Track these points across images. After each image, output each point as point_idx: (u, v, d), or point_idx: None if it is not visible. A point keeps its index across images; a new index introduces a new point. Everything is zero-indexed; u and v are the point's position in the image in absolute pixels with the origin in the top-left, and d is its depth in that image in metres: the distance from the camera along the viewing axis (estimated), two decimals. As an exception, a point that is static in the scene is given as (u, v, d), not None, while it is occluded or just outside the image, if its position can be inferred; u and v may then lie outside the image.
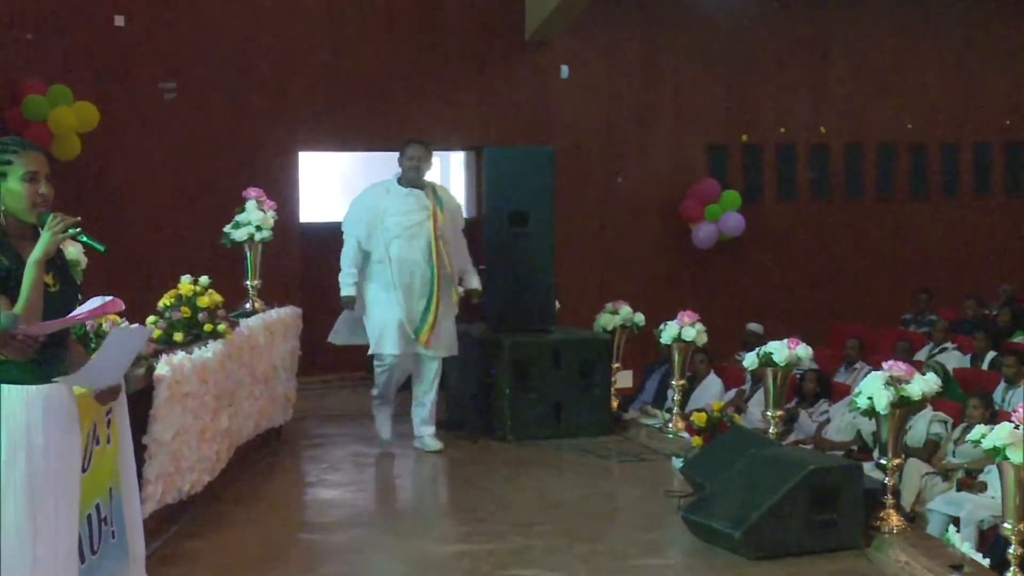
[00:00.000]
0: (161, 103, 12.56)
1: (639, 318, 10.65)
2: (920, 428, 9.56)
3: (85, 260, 6.82)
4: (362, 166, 13.92)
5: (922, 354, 12.69)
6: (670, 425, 9.85)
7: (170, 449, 6.62)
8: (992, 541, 7.45)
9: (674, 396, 10.00)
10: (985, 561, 6.26)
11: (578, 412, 9.87)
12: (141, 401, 6.28)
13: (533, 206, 10.21)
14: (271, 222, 9.40)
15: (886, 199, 16.13)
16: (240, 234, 9.31)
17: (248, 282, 9.42)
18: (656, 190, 15.02)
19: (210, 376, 7.25)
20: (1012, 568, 5.84)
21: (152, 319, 7.53)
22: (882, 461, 6.85)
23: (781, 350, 7.89)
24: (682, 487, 7.92)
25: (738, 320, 13.99)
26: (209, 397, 7.27)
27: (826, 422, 10.77)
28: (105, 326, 6.42)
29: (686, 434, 9.31)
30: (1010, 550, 5.86)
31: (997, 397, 10.32)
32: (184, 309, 7.63)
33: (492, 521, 7.50)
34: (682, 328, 9.76)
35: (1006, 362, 10.78)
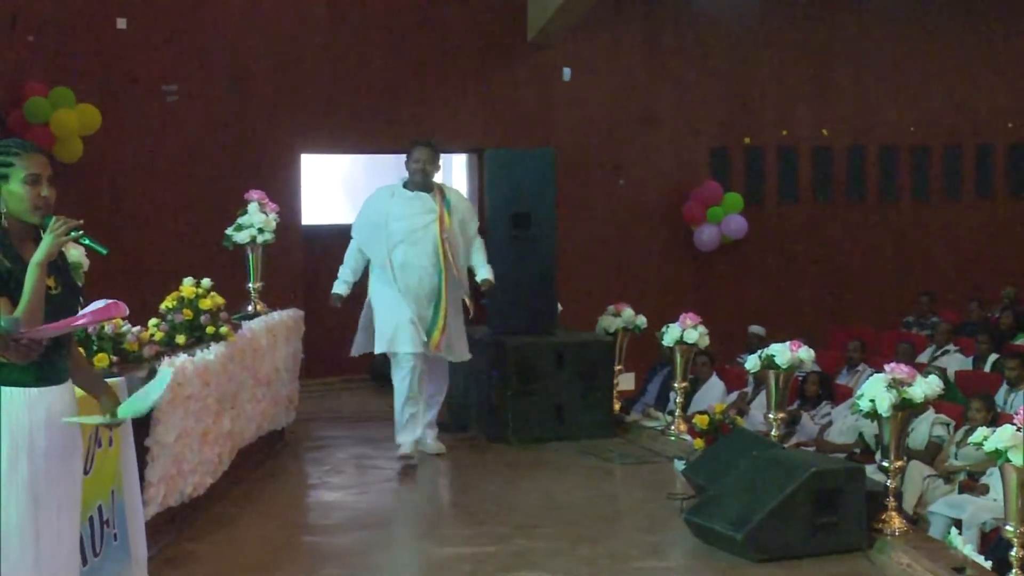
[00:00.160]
0: (163, 105, 12.57)
1: (641, 320, 10.65)
2: (922, 430, 9.55)
3: (87, 262, 6.85)
4: (364, 168, 13.96)
5: (924, 356, 12.68)
6: (672, 427, 9.84)
7: (172, 451, 6.62)
8: (994, 543, 7.44)
9: (676, 398, 10.00)
10: (987, 563, 6.25)
11: (580, 414, 9.87)
12: (143, 404, 6.26)
13: (535, 208, 10.22)
14: (273, 224, 9.40)
15: (889, 201, 16.13)
16: (242, 236, 9.31)
17: (250, 284, 9.43)
18: (658, 192, 15.03)
19: (212, 378, 7.25)
20: (1014, 570, 5.83)
21: (154, 321, 7.53)
22: (884, 463, 6.85)
23: (783, 352, 7.88)
24: (684, 489, 7.92)
25: (740, 322, 13.98)
26: (211, 399, 7.27)
27: (828, 424, 10.76)
28: (107, 329, 6.42)
29: (688, 436, 9.29)
30: (1012, 552, 5.86)
31: (999, 400, 10.30)
32: (186, 311, 7.64)
33: (494, 523, 7.49)
34: (684, 330, 9.75)
35: (1008, 364, 10.77)
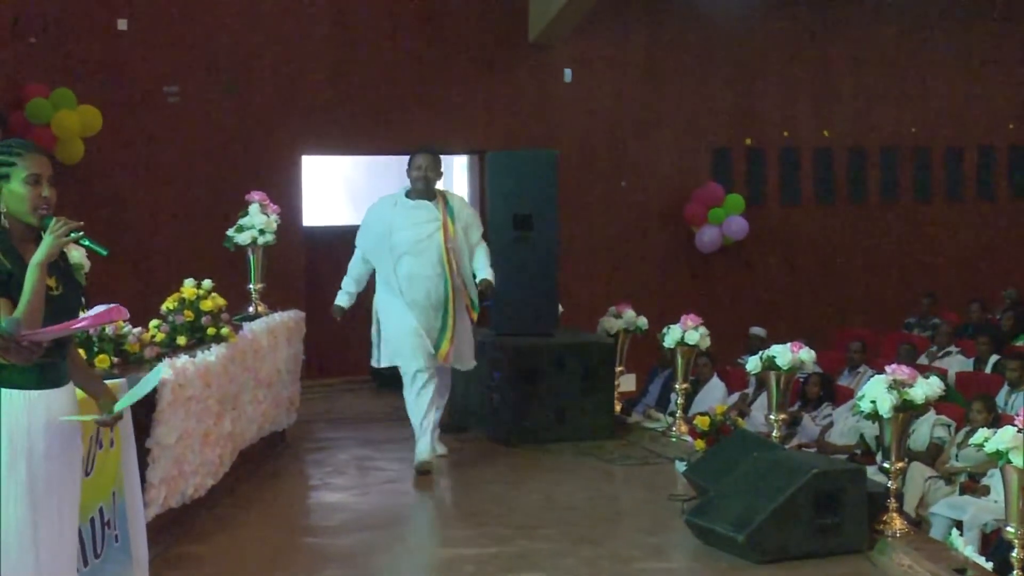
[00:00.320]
0: (164, 107, 12.57)
1: (642, 322, 10.65)
2: (923, 432, 9.55)
3: (88, 263, 6.83)
4: (366, 170, 13.96)
5: (926, 358, 12.68)
6: (673, 429, 9.85)
7: (173, 453, 6.62)
8: (995, 545, 7.44)
9: (677, 400, 10.00)
10: (988, 565, 6.25)
11: (582, 416, 9.86)
12: (144, 405, 6.22)
13: (537, 210, 10.22)
14: (274, 226, 9.40)
15: (890, 203, 16.13)
16: (243, 238, 9.32)
17: (251, 286, 9.43)
18: (660, 194, 15.03)
19: (213, 380, 7.24)
20: (1015, 571, 5.83)
21: (155, 323, 7.51)
22: (885, 465, 6.85)
23: (784, 353, 7.88)
24: (686, 491, 7.92)
25: (741, 324, 13.99)
26: (212, 401, 7.27)
27: (829, 426, 10.77)
28: (108, 330, 6.42)
29: (689, 438, 9.30)
30: (1013, 554, 5.85)
31: (1000, 401, 10.30)
32: (187, 313, 7.63)
33: (496, 524, 7.49)
34: (685, 332, 9.76)
35: (1009, 366, 10.77)
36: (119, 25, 12.28)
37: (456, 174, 14.46)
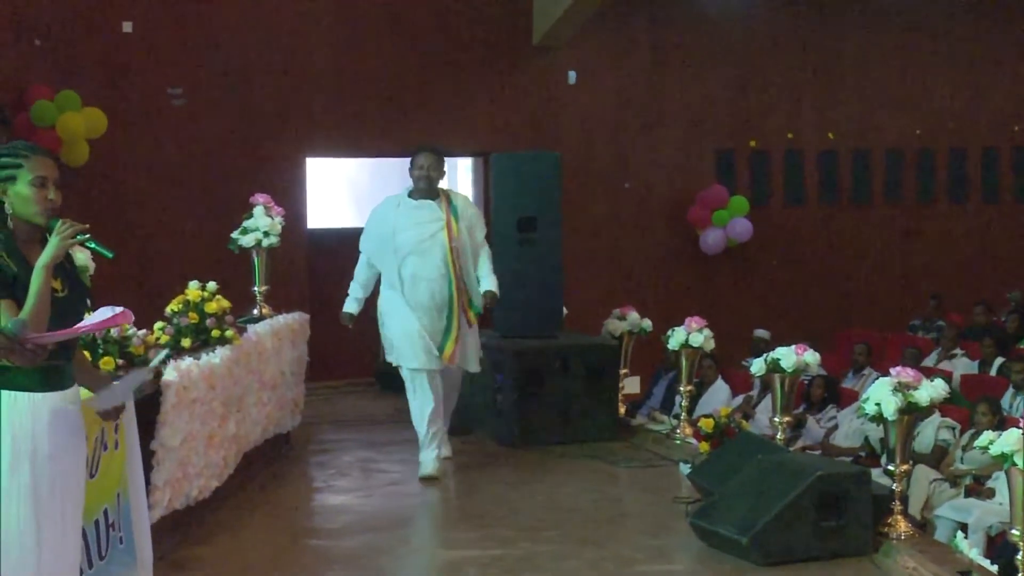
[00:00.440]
0: (169, 109, 12.59)
1: (647, 324, 10.65)
2: (928, 434, 9.54)
3: (93, 266, 6.85)
4: (370, 172, 13.97)
5: (930, 360, 12.67)
6: (678, 431, 9.84)
7: (178, 455, 6.63)
8: (1000, 547, 7.43)
9: (682, 402, 10.00)
10: (993, 567, 6.25)
11: (586, 418, 9.86)
12: (149, 407, 6.27)
13: (541, 212, 10.23)
14: (279, 228, 9.40)
15: (894, 205, 16.12)
16: (248, 240, 9.32)
17: (256, 288, 9.43)
18: (664, 196, 15.02)
19: (218, 382, 7.26)
20: (1020, 574, 5.82)
21: (160, 325, 7.52)
22: (890, 467, 6.86)
23: (789, 356, 7.88)
24: (690, 493, 7.94)
25: (746, 326, 13.97)
26: (217, 403, 7.28)
27: (834, 428, 10.75)
28: (113, 332, 6.43)
29: (694, 440, 9.31)
30: (1018, 556, 5.84)
31: (1005, 403, 10.28)
32: (192, 315, 7.63)
33: (500, 526, 7.50)
34: (690, 334, 9.76)
35: (1015, 368, 10.75)
36: (124, 27, 12.29)
37: (460, 176, 14.47)
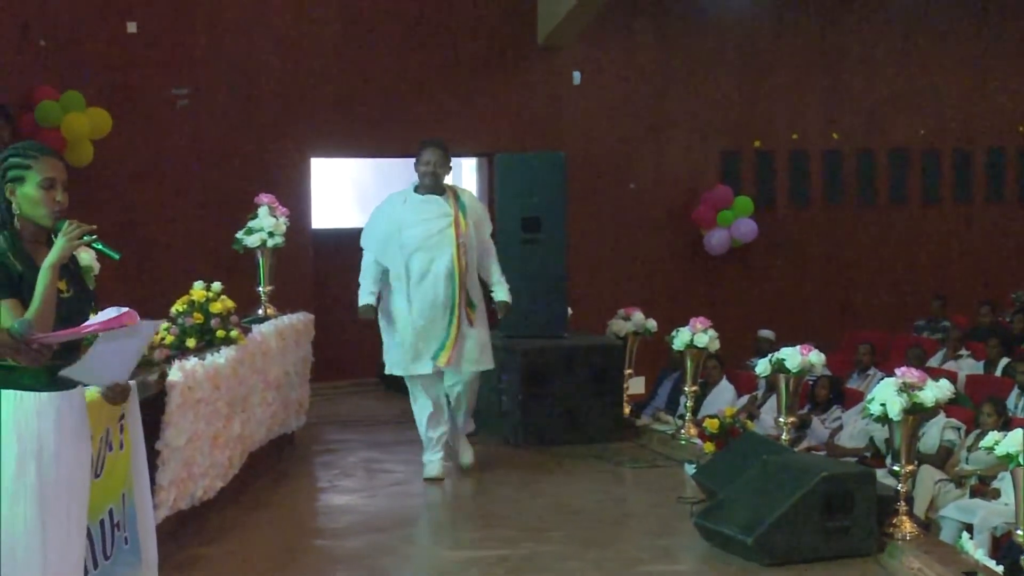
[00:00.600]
0: (173, 109, 12.60)
1: (651, 324, 10.64)
2: (933, 435, 9.54)
3: (97, 266, 6.87)
4: (374, 172, 13.96)
5: (936, 360, 12.67)
6: (682, 431, 9.83)
7: (183, 455, 6.63)
8: (1005, 548, 7.42)
9: (687, 402, 9.99)
10: (998, 568, 6.23)
11: (590, 418, 9.86)
12: (154, 407, 6.28)
13: (545, 212, 10.22)
14: (283, 228, 9.41)
15: (899, 205, 16.11)
16: (252, 240, 9.32)
17: (260, 288, 9.44)
18: (669, 196, 15.02)
19: (223, 382, 7.25)
20: (1026, 575, 5.82)
21: (165, 325, 7.52)
22: (895, 468, 6.84)
23: (794, 356, 7.88)
24: (695, 493, 7.93)
25: (750, 326, 13.98)
26: (222, 403, 7.28)
27: (839, 428, 10.76)
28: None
29: (698, 440, 9.29)
30: (1023, 557, 5.84)
31: (1010, 404, 10.29)
32: (197, 315, 7.63)
33: (504, 527, 7.49)
34: (695, 334, 9.75)
35: (1020, 369, 10.76)
36: (128, 28, 12.30)
37: (465, 176, 14.46)
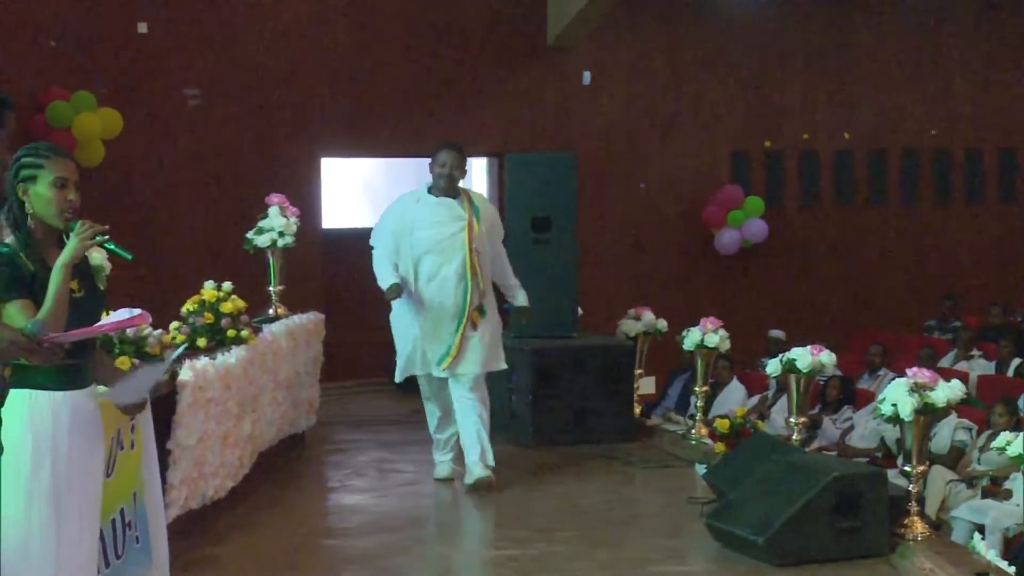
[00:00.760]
0: (184, 110, 12.62)
1: (662, 324, 10.64)
2: (945, 435, 9.53)
3: (108, 266, 6.88)
4: (384, 172, 13.98)
5: (947, 361, 12.65)
6: (693, 431, 9.83)
7: (193, 454, 6.64)
8: (1018, 548, 7.42)
9: (697, 402, 9.99)
10: (1010, 569, 6.23)
11: (601, 418, 9.86)
12: (165, 406, 6.29)
13: (556, 212, 10.23)
14: (294, 228, 9.40)
15: (910, 205, 16.08)
16: (263, 240, 9.33)
17: (271, 288, 9.44)
18: (679, 196, 15.02)
19: (233, 382, 7.26)
20: (1038, 576, 5.81)
21: (175, 325, 7.55)
22: (906, 468, 6.85)
23: (804, 356, 7.87)
24: (705, 493, 7.93)
25: (761, 326, 13.97)
26: (232, 403, 7.29)
27: (850, 429, 10.75)
28: (129, 332, 6.44)
29: (709, 440, 9.29)
30: (1035, 557, 5.83)
31: (1022, 404, 10.27)
32: (207, 315, 7.65)
33: (514, 527, 7.50)
34: (705, 334, 9.75)
35: (1031, 369, 10.75)
36: (140, 28, 12.33)
37: (475, 176, 14.47)
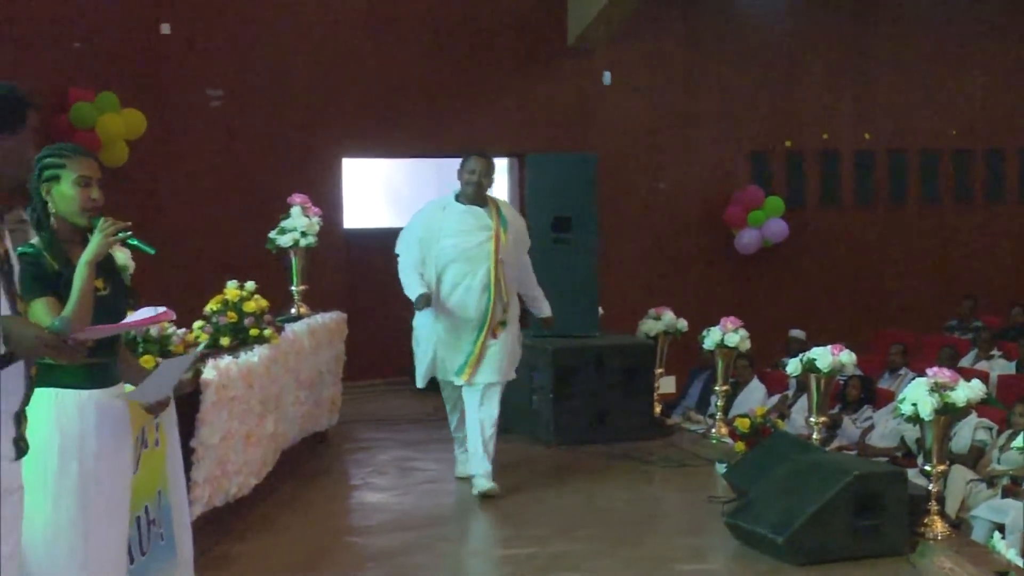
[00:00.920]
0: (207, 110, 12.68)
1: (682, 324, 10.67)
2: (965, 434, 9.52)
3: (133, 265, 6.94)
4: (405, 173, 14.04)
5: (967, 361, 12.63)
6: (713, 430, 9.87)
7: (217, 453, 6.69)
8: (1038, 548, 7.41)
9: (717, 402, 10.02)
10: (1030, 568, 6.24)
11: (622, 417, 9.90)
12: (189, 405, 6.33)
13: (576, 212, 10.26)
14: (316, 228, 9.47)
15: (930, 205, 16.06)
16: (285, 240, 9.39)
17: (293, 287, 9.50)
18: (699, 196, 15.02)
19: (256, 381, 7.31)
20: (1058, 575, 5.82)
21: (199, 324, 7.60)
22: (926, 467, 6.87)
23: (824, 356, 7.89)
24: (725, 492, 7.93)
25: (781, 326, 13.96)
26: (255, 401, 7.34)
27: (870, 428, 10.74)
28: (153, 331, 6.49)
29: (729, 439, 9.32)
30: (1056, 557, 5.84)
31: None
32: (231, 314, 7.69)
33: (535, 525, 7.53)
34: (725, 334, 9.78)
35: (1052, 369, 10.72)
36: (162, 29, 12.39)
37: (496, 177, 14.49)
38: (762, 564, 6.64)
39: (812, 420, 8.10)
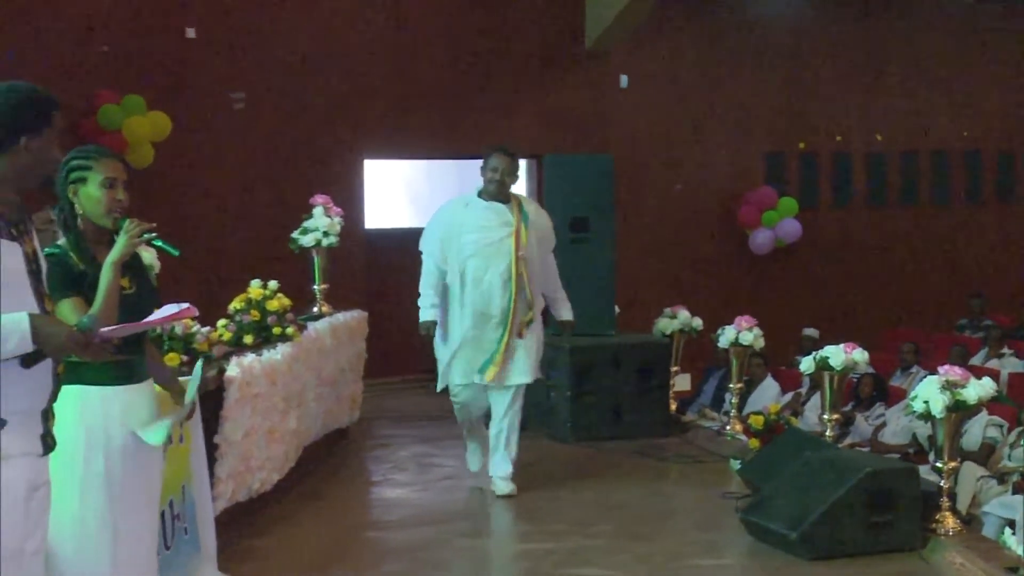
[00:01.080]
0: (230, 112, 12.75)
1: (697, 323, 10.74)
2: (976, 432, 9.56)
3: (158, 264, 7.04)
4: (426, 174, 14.10)
5: (978, 359, 12.68)
6: (728, 428, 9.92)
7: (240, 448, 6.75)
8: (1047, 543, 7.46)
9: (732, 399, 10.09)
10: (1040, 563, 6.30)
11: (637, 414, 9.96)
12: (212, 402, 6.42)
13: (594, 213, 10.33)
14: (337, 228, 9.55)
15: (942, 206, 16.11)
16: (308, 240, 9.49)
17: (315, 286, 9.59)
18: (714, 197, 15.10)
19: (279, 378, 7.38)
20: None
21: (223, 322, 7.68)
22: (938, 464, 6.89)
23: (838, 354, 7.95)
24: (739, 488, 8.00)
25: (795, 325, 14.03)
26: (278, 398, 7.40)
27: (882, 425, 10.79)
28: (178, 329, 6.60)
29: (743, 436, 9.39)
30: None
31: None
32: (254, 312, 7.78)
33: (552, 521, 7.59)
34: (739, 333, 9.85)
35: (1062, 367, 10.76)
36: (188, 33, 12.44)
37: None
38: (776, 559, 6.69)
39: (825, 417, 8.15)
